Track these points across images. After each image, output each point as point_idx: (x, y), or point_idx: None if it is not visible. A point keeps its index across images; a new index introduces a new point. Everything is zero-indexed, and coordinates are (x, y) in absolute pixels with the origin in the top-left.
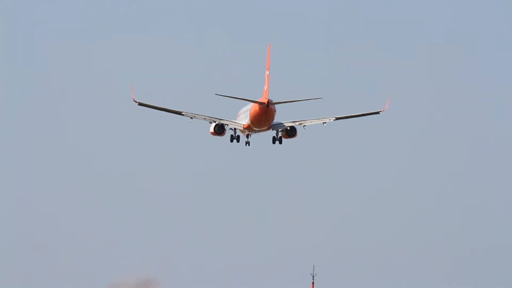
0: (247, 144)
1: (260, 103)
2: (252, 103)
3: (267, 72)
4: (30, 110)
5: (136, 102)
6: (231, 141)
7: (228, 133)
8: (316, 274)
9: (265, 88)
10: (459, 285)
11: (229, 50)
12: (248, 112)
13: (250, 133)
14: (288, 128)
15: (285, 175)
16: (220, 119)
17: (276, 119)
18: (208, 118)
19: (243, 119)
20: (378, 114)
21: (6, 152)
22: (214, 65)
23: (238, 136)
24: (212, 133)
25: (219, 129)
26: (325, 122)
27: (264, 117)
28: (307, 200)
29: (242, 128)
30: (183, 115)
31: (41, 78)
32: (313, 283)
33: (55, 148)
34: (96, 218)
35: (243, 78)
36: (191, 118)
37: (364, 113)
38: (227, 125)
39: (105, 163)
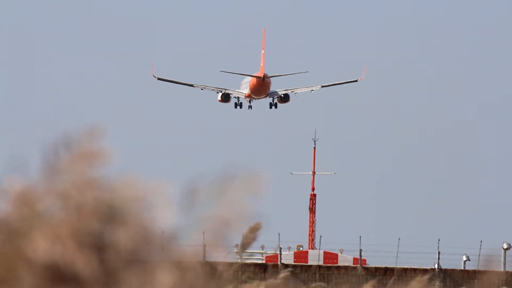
0: (250, 108)
1: (257, 77)
2: (251, 77)
3: (263, 51)
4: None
5: (155, 77)
6: (235, 107)
7: (233, 100)
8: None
9: (261, 64)
10: None
11: (230, 33)
12: (248, 83)
13: (251, 99)
14: (282, 95)
15: (279, 131)
16: (226, 89)
17: (272, 89)
18: (216, 88)
19: (244, 88)
20: (356, 82)
21: None
22: (218, 46)
23: (241, 103)
24: (219, 101)
25: (225, 97)
26: (312, 90)
27: (261, 88)
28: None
29: (244, 96)
30: (194, 86)
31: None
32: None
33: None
34: None
35: (243, 56)
36: (202, 89)
37: (344, 81)
38: (231, 94)
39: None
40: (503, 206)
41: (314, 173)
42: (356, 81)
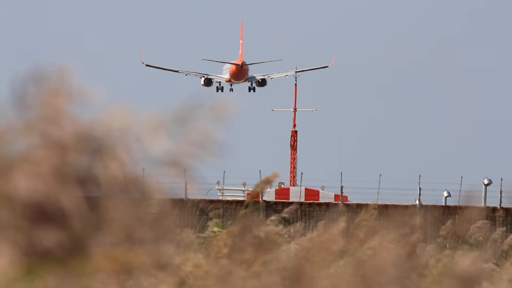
0: (231, 91)
1: (236, 64)
2: (230, 64)
3: (241, 41)
4: None
5: (143, 63)
6: (217, 91)
7: (215, 85)
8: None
9: (240, 53)
10: None
11: (211, 22)
12: (228, 69)
13: (231, 84)
14: (260, 80)
15: (256, 110)
16: (208, 75)
17: (250, 74)
18: (199, 74)
19: (225, 74)
20: (327, 68)
21: None
22: (200, 36)
23: (223, 87)
24: (202, 85)
25: (208, 82)
26: (287, 75)
27: (239, 74)
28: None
29: (225, 81)
30: (179, 72)
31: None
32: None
33: None
34: None
35: (222, 45)
36: (186, 74)
37: (316, 67)
38: (213, 78)
39: None
40: (484, 142)
41: (295, 109)
42: (326, 67)
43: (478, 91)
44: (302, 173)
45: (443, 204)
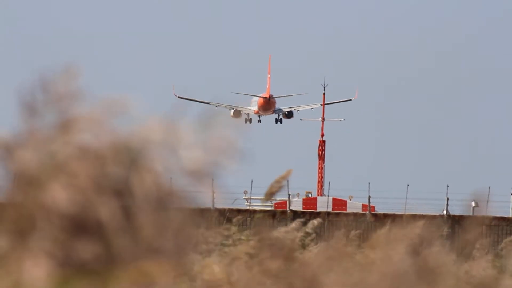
0: (259, 122)
1: (264, 97)
2: (259, 97)
3: (268, 75)
4: None
5: (176, 95)
6: (245, 122)
7: (244, 116)
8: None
9: (267, 86)
10: None
11: (241, 58)
12: (257, 102)
13: (259, 115)
14: (286, 112)
15: (286, 140)
16: (237, 107)
17: (277, 106)
18: (228, 106)
19: (253, 106)
20: (350, 101)
21: None
22: (230, 70)
23: (251, 119)
24: (232, 116)
25: (236, 114)
26: (312, 108)
27: (267, 106)
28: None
29: (253, 113)
30: (210, 104)
31: None
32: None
33: None
34: None
35: (251, 79)
36: (216, 106)
37: (340, 100)
38: (242, 110)
39: None
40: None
41: (323, 119)
42: (350, 100)
43: (508, 97)
44: (329, 183)
45: (471, 214)
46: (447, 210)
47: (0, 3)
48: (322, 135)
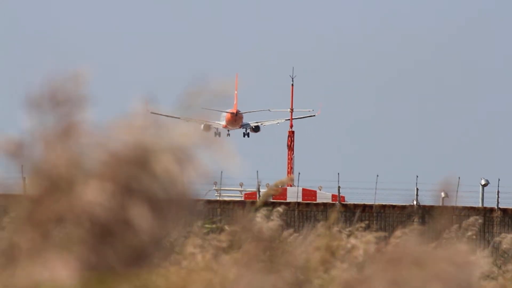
0: (228, 135)
1: (231, 113)
2: (226, 112)
3: (236, 92)
4: None
5: (148, 111)
6: (215, 135)
7: (213, 130)
8: None
9: (235, 102)
10: None
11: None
12: (225, 117)
13: (228, 129)
14: (253, 127)
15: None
16: (207, 121)
17: (245, 121)
18: (199, 120)
19: (222, 120)
20: (314, 116)
21: None
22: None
23: (220, 132)
24: (202, 130)
25: (206, 128)
26: (278, 122)
27: (234, 121)
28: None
29: (222, 127)
30: (180, 118)
31: None
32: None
33: None
34: None
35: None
36: (187, 121)
37: (304, 116)
38: (211, 125)
39: None
40: (481, 142)
41: (292, 110)
42: (314, 116)
43: (477, 88)
44: (299, 173)
45: (441, 204)
46: (417, 201)
47: (1, 2)
48: (291, 126)
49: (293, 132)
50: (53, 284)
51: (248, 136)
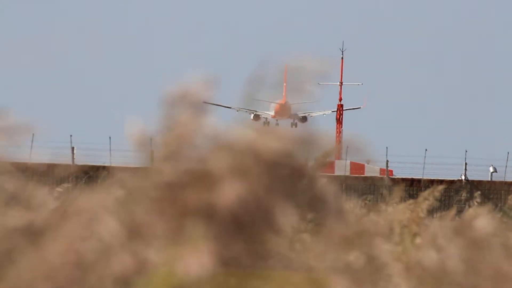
0: (277, 125)
1: (280, 104)
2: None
3: (284, 84)
4: None
5: (201, 101)
6: (263, 124)
7: (262, 119)
8: None
9: (283, 94)
10: None
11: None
12: (274, 107)
13: (277, 119)
14: (301, 117)
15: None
16: (256, 111)
17: (293, 112)
18: (248, 110)
19: (271, 111)
20: (360, 108)
21: None
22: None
23: (269, 122)
24: (252, 119)
25: (256, 118)
26: (325, 114)
27: (282, 112)
28: None
29: (270, 117)
30: (231, 108)
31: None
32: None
33: None
34: None
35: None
36: (237, 110)
37: (350, 108)
38: (261, 115)
39: None
40: None
41: (341, 83)
42: (359, 108)
43: None
44: (347, 147)
45: (489, 179)
46: (465, 175)
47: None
48: (340, 99)
49: (341, 105)
50: (183, 275)
51: (296, 126)
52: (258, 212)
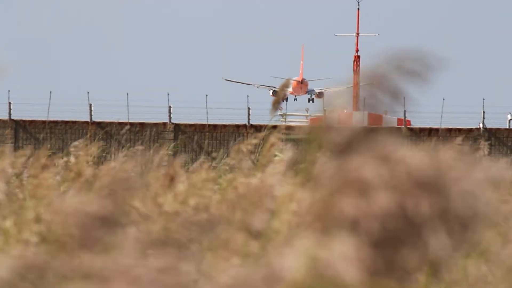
0: (295, 100)
1: (297, 81)
2: (293, 80)
3: (302, 62)
4: None
5: (223, 78)
6: (282, 100)
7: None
8: None
9: (300, 71)
10: None
11: (278, 47)
12: (292, 84)
13: (295, 95)
14: (318, 92)
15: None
16: (275, 87)
17: (310, 88)
18: (268, 87)
19: (289, 87)
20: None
21: None
22: (270, 57)
23: (287, 98)
24: (271, 95)
25: (275, 93)
26: (340, 89)
27: (299, 88)
28: None
29: (289, 93)
30: (251, 85)
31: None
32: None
33: None
34: None
35: (288, 65)
36: (257, 87)
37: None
38: (279, 91)
39: None
40: None
41: (358, 34)
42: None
43: None
44: (365, 98)
45: (507, 127)
46: (483, 123)
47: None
48: (357, 50)
49: (359, 56)
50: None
51: (313, 102)
52: (407, 228)
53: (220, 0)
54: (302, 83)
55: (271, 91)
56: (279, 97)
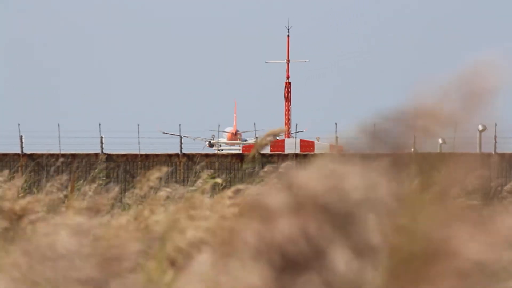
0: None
1: (231, 133)
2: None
3: (235, 114)
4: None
5: (161, 131)
6: (217, 151)
7: (216, 146)
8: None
9: (234, 124)
10: None
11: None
12: (226, 136)
13: (229, 145)
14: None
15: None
16: (211, 140)
17: (244, 138)
18: (204, 139)
19: (224, 138)
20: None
21: None
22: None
23: (222, 149)
24: (207, 146)
25: (210, 145)
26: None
27: (234, 139)
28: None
29: (224, 144)
30: (188, 138)
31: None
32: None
33: None
34: None
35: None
36: (194, 139)
37: (296, 131)
38: (215, 143)
39: None
40: None
41: (288, 61)
42: (302, 131)
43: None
44: (297, 125)
45: (439, 151)
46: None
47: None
48: (288, 77)
49: (289, 83)
50: None
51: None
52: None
53: (143, 47)
54: (235, 134)
55: (207, 142)
56: (262, 145)
